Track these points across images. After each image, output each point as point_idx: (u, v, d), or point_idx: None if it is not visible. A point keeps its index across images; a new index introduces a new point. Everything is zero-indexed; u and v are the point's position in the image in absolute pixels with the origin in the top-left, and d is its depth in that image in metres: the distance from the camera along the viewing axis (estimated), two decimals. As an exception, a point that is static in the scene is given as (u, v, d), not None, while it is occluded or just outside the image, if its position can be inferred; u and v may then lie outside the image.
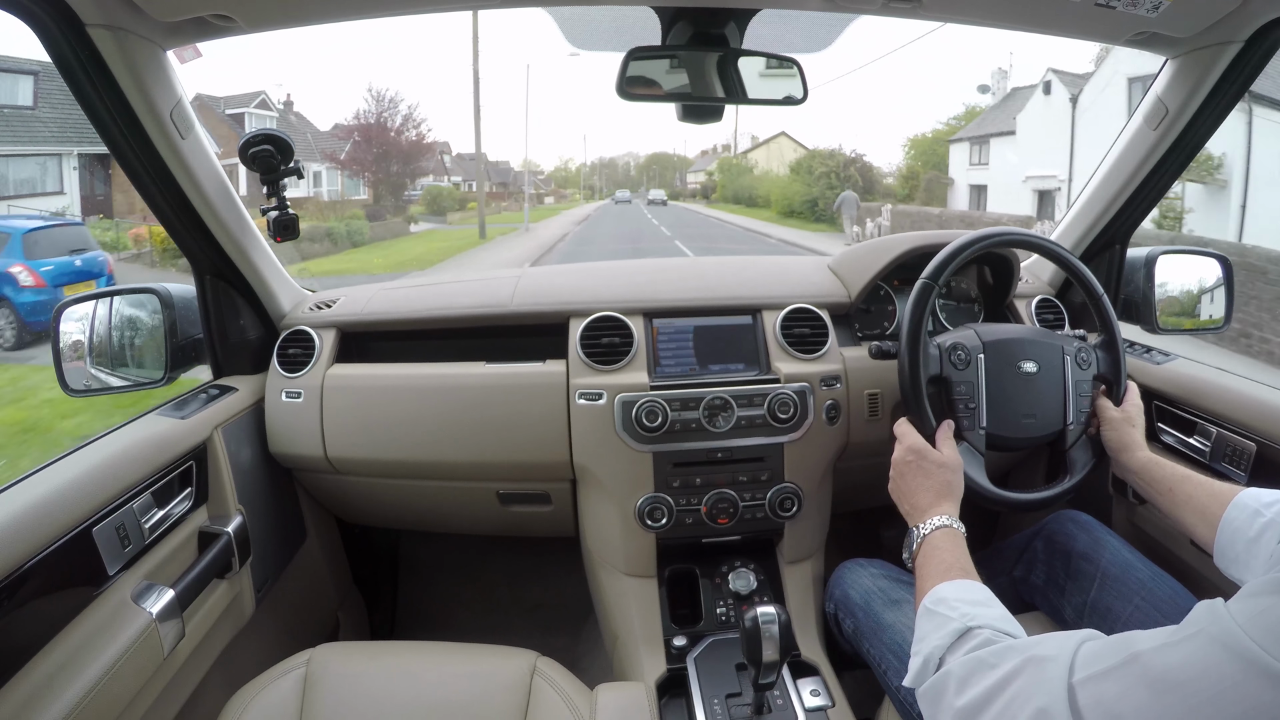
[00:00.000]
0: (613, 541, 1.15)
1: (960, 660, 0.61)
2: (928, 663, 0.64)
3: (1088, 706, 0.47)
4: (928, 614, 0.70)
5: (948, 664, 0.62)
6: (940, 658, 0.64)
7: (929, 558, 0.79)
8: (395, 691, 0.85)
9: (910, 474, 0.89)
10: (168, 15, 0.83)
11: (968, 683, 0.58)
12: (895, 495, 0.91)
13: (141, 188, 0.99)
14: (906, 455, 0.90)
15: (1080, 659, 0.50)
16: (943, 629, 0.66)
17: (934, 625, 0.68)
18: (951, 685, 0.59)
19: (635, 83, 0.93)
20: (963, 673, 0.59)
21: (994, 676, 0.56)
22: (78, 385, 1.07)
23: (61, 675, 0.73)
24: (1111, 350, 1.00)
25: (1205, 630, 0.43)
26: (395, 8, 0.89)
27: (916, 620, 0.72)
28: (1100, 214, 1.24)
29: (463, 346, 1.24)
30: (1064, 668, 0.50)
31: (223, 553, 1.01)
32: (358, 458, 1.18)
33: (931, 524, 0.82)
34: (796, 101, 0.97)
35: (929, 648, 0.65)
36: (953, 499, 0.86)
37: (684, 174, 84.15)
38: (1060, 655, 0.52)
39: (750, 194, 38.05)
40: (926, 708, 0.63)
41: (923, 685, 0.64)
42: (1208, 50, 0.95)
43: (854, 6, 0.90)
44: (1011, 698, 0.53)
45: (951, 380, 0.95)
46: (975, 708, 0.56)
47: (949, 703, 0.59)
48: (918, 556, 0.81)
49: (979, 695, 0.56)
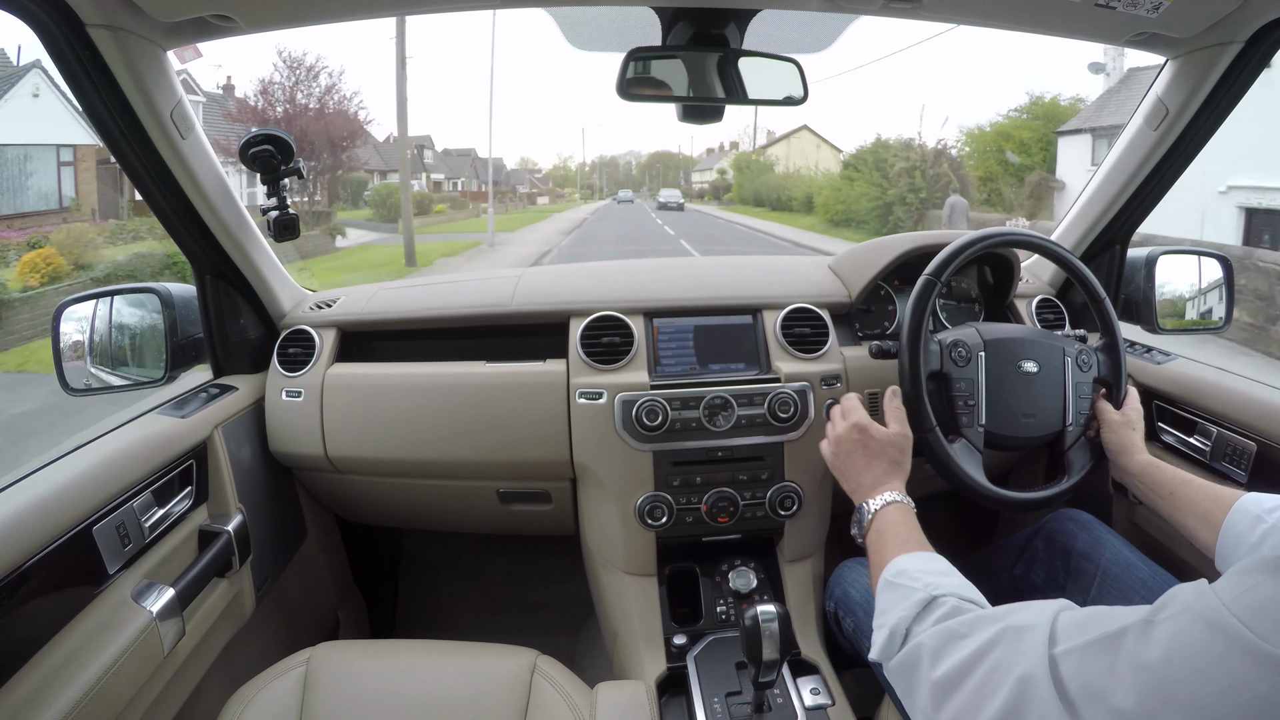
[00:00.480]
0: (613, 540, 1.15)
1: (931, 631, 0.59)
2: (894, 635, 0.63)
3: (1070, 679, 0.46)
4: (888, 586, 0.69)
5: (915, 635, 0.61)
6: (906, 629, 0.62)
7: (882, 533, 0.78)
8: (395, 690, 0.85)
9: (856, 451, 0.88)
10: (168, 15, 0.83)
11: (942, 654, 0.57)
12: (838, 473, 0.90)
13: (142, 188, 0.99)
14: (852, 433, 0.89)
15: (1060, 629, 0.50)
16: (906, 600, 0.65)
17: (896, 597, 0.66)
18: (925, 658, 0.58)
19: (636, 83, 0.93)
20: (936, 644, 0.58)
21: (970, 647, 0.55)
22: (78, 385, 1.07)
23: (62, 674, 0.73)
24: (1113, 353, 1.00)
25: (1190, 607, 0.42)
26: (395, 8, 0.89)
27: (876, 594, 0.70)
28: (1101, 214, 1.24)
29: (463, 346, 1.24)
30: (1043, 637, 0.50)
31: (223, 552, 1.01)
32: (358, 457, 1.18)
33: (882, 499, 0.81)
34: (796, 102, 0.97)
35: (894, 620, 0.64)
36: (901, 475, 0.86)
37: (689, 173, 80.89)
38: (1038, 624, 0.51)
39: (777, 195, 31.82)
40: (899, 681, 0.62)
41: (892, 659, 0.63)
42: (1208, 51, 0.95)
43: (854, 7, 0.90)
44: (991, 668, 0.52)
45: (951, 377, 0.96)
46: (953, 680, 0.54)
47: (924, 676, 0.57)
48: (869, 533, 0.80)
49: (956, 667, 0.54)
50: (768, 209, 32.06)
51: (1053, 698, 0.46)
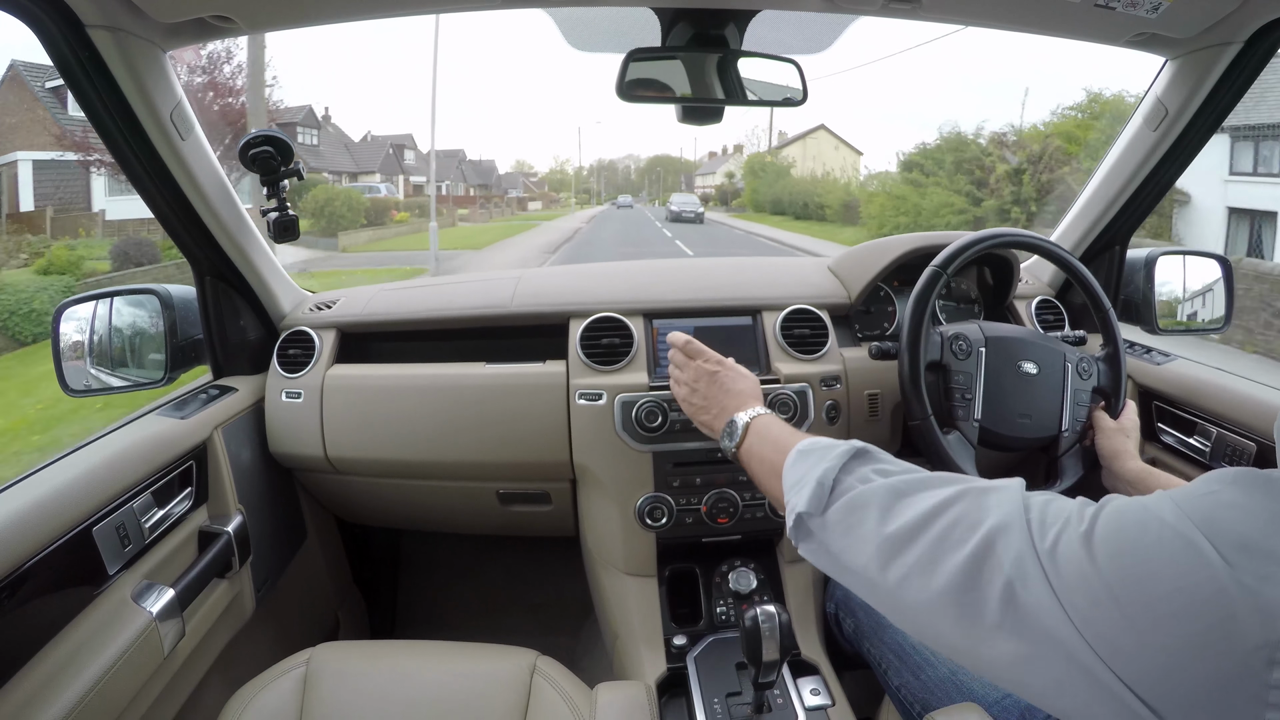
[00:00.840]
0: (613, 541, 1.15)
1: (878, 486, 0.54)
2: (822, 485, 0.57)
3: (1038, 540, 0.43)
4: (803, 454, 0.63)
5: (845, 485, 0.56)
6: (834, 478, 0.57)
7: (764, 433, 0.75)
8: (395, 691, 0.85)
9: (716, 382, 0.86)
10: (168, 16, 0.83)
11: (893, 510, 0.51)
12: (698, 406, 0.88)
13: (142, 188, 0.99)
14: (712, 366, 0.88)
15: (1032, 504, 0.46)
16: (828, 455, 0.59)
17: (815, 459, 0.60)
18: (874, 509, 0.53)
19: (635, 84, 0.93)
20: (887, 496, 0.53)
21: (927, 501, 0.50)
22: (78, 385, 1.07)
23: (62, 675, 0.73)
24: (1114, 364, 1.00)
25: (1148, 506, 0.41)
26: (396, 8, 0.89)
27: (785, 468, 0.64)
28: (1100, 215, 1.24)
29: (463, 347, 1.24)
30: (1016, 498, 0.46)
31: (223, 552, 1.01)
32: (358, 458, 1.18)
33: (753, 411, 0.79)
34: (796, 102, 0.98)
35: (819, 471, 0.58)
36: (760, 400, 0.84)
37: (690, 177, 77.37)
38: (1007, 486, 0.48)
39: (803, 202, 26.87)
40: (836, 539, 0.55)
41: (827, 511, 0.56)
42: (1207, 51, 0.95)
43: (854, 7, 0.90)
44: (954, 520, 0.48)
45: (951, 368, 0.96)
46: (906, 534, 0.49)
47: (871, 531, 0.52)
48: (746, 439, 0.76)
49: (911, 521, 0.50)
50: (789, 217, 27.54)
51: (1028, 545, 0.43)
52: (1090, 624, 0.39)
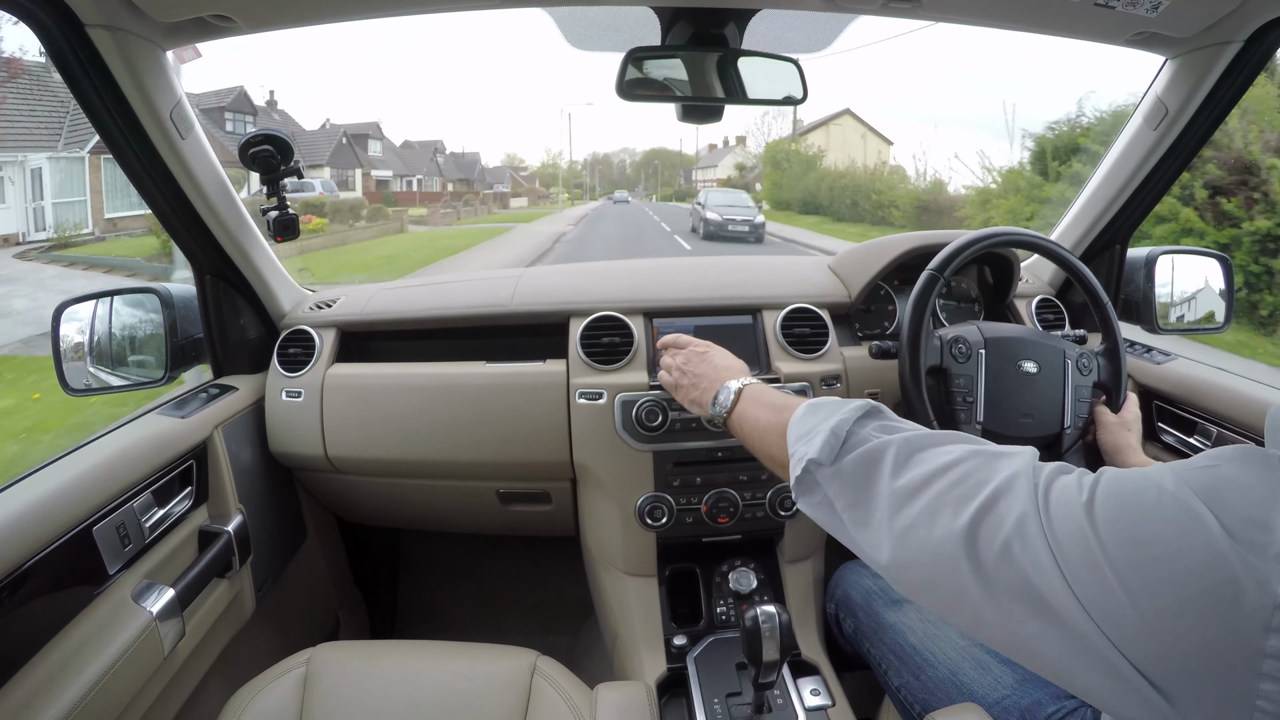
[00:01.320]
0: (613, 541, 1.15)
1: (891, 438, 0.54)
2: (835, 434, 0.56)
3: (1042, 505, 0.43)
4: (812, 409, 0.61)
5: (860, 436, 0.55)
6: (848, 430, 0.56)
7: (759, 399, 0.74)
8: (395, 691, 0.85)
9: (702, 361, 0.88)
10: (167, 16, 0.83)
11: (908, 463, 0.51)
12: (686, 385, 0.89)
13: (141, 188, 0.99)
14: (699, 347, 0.91)
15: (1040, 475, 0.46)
16: (841, 409, 0.58)
17: (826, 412, 0.59)
18: (888, 462, 0.52)
19: (635, 83, 0.93)
20: (901, 449, 0.52)
21: (940, 458, 0.50)
22: (78, 385, 1.07)
23: (62, 675, 0.73)
24: (1113, 359, 1.00)
25: (1149, 476, 0.41)
26: (396, 8, 0.89)
27: (792, 423, 0.62)
28: (1100, 214, 1.24)
29: (463, 346, 1.24)
30: (1026, 463, 0.46)
31: (223, 552, 1.01)
32: (358, 457, 1.18)
33: (744, 379, 0.79)
34: (796, 101, 0.98)
35: (833, 423, 0.57)
36: (747, 372, 0.85)
37: (689, 171, 72.25)
38: (1018, 452, 0.48)
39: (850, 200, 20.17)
40: (848, 487, 0.54)
41: (845, 459, 0.55)
42: (1207, 50, 0.95)
43: (854, 6, 0.90)
44: (963, 476, 0.47)
45: (951, 372, 0.96)
46: (917, 485, 0.49)
47: (884, 483, 0.51)
48: (738, 405, 0.76)
49: (923, 474, 0.49)
50: (828, 218, 21.28)
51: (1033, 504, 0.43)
52: (1085, 586, 0.39)
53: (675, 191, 64.09)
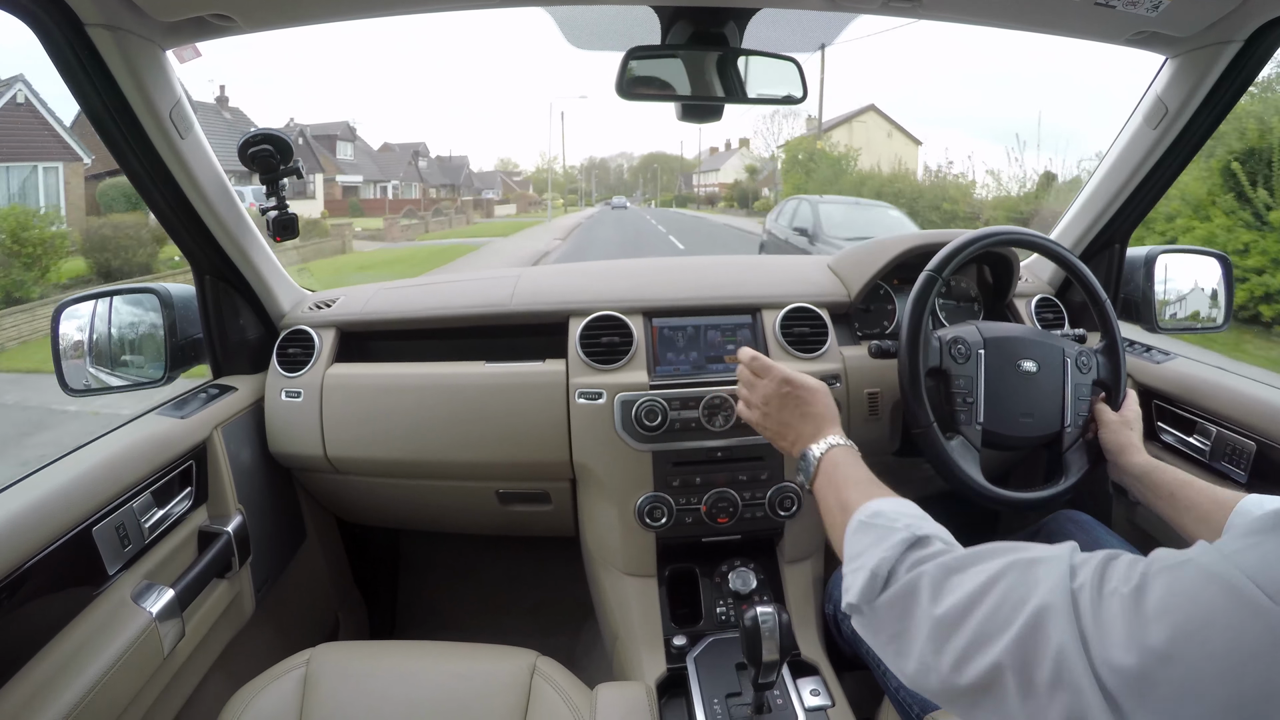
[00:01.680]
0: (612, 541, 1.15)
1: (930, 565, 0.53)
2: (875, 576, 0.56)
3: (1085, 615, 0.43)
4: (864, 528, 0.63)
5: (901, 576, 0.55)
6: (890, 569, 0.56)
7: (833, 475, 0.74)
8: (395, 691, 0.85)
9: (788, 405, 0.85)
10: (167, 15, 0.83)
11: (944, 589, 0.51)
12: (773, 432, 0.87)
13: (141, 187, 0.99)
14: (780, 387, 0.87)
15: (1079, 566, 0.46)
16: (886, 540, 0.59)
17: (874, 538, 0.60)
18: (925, 592, 0.52)
19: (635, 82, 0.93)
20: (936, 577, 0.52)
21: (976, 579, 0.49)
22: (77, 385, 1.07)
23: (61, 675, 0.73)
24: (1112, 356, 1.00)
25: (1194, 560, 0.41)
26: (396, 7, 0.89)
27: (846, 538, 0.64)
28: (1100, 213, 1.24)
29: (462, 346, 1.24)
30: (1063, 569, 0.46)
31: (222, 552, 1.01)
32: (357, 457, 1.18)
33: (826, 443, 0.78)
34: (796, 101, 0.98)
35: (874, 560, 0.57)
36: (835, 422, 0.83)
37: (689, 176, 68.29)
38: (1055, 557, 0.47)
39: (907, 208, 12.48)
40: (889, 625, 0.55)
41: (879, 599, 0.56)
42: (1207, 49, 0.95)
43: (854, 6, 0.90)
44: (1001, 598, 0.47)
45: (951, 374, 0.96)
46: (958, 614, 0.49)
47: (924, 614, 0.51)
48: (818, 477, 0.76)
49: (962, 600, 0.49)
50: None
51: (1072, 631, 0.43)
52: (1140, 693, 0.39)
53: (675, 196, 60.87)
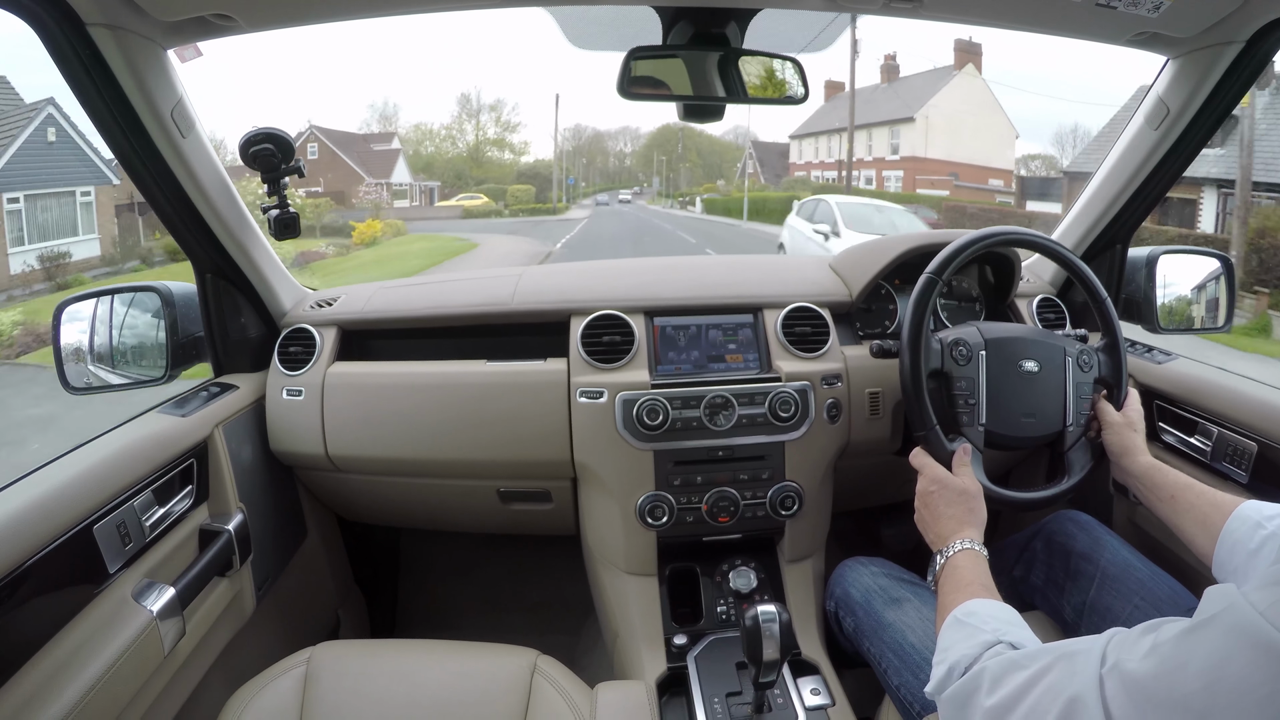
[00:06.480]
0: (613, 540, 1.15)
1: (993, 662, 0.60)
2: (952, 671, 0.64)
3: (1113, 697, 0.47)
4: (957, 624, 0.69)
5: (973, 670, 0.62)
6: (966, 667, 0.63)
7: (953, 576, 0.79)
8: (395, 690, 0.85)
9: (934, 503, 0.89)
10: (168, 14, 0.83)
11: (1000, 682, 0.57)
12: (921, 525, 0.92)
13: (143, 186, 0.99)
14: (929, 486, 0.90)
15: (1110, 649, 0.51)
16: (972, 639, 0.65)
17: (963, 635, 0.67)
18: (985, 684, 0.59)
19: (637, 82, 0.93)
20: (997, 671, 0.59)
21: (1026, 674, 0.55)
22: (78, 384, 1.07)
23: (62, 674, 0.73)
24: (1114, 354, 1.00)
25: (1220, 618, 0.43)
26: (396, 7, 0.89)
27: (941, 631, 0.71)
28: (1101, 213, 1.24)
29: (464, 345, 1.24)
30: (1095, 659, 0.50)
31: (223, 551, 1.01)
32: (358, 455, 1.18)
33: (955, 547, 0.82)
34: (797, 101, 0.98)
35: (955, 656, 0.64)
36: (975, 524, 0.86)
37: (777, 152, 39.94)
38: (1091, 649, 0.52)
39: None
40: (952, 712, 0.62)
41: (949, 689, 0.63)
42: (1208, 50, 0.95)
43: (854, 6, 0.90)
44: (1043, 691, 0.53)
45: (952, 375, 0.96)
46: (1006, 705, 0.55)
47: (979, 703, 0.58)
48: (941, 577, 0.81)
49: (1011, 693, 0.55)
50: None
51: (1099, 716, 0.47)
52: None
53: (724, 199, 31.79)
